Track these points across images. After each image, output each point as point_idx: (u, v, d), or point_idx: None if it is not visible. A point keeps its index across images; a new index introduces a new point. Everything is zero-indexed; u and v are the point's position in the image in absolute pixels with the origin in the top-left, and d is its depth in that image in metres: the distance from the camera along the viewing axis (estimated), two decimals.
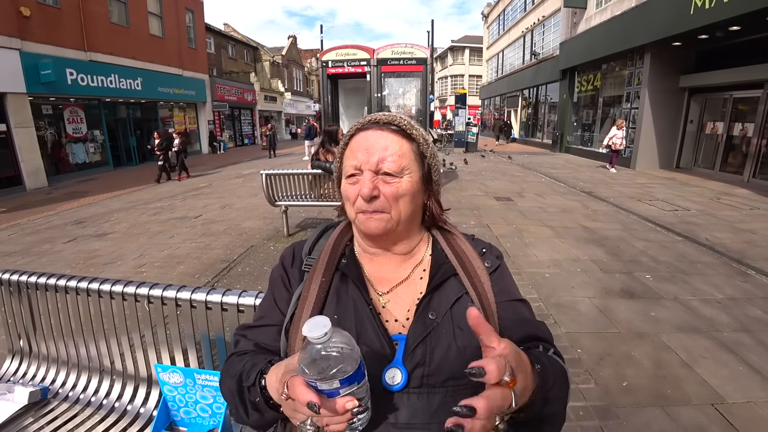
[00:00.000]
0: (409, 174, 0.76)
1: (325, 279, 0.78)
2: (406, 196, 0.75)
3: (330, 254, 0.82)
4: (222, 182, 10.98)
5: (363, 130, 0.78)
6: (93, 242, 5.65)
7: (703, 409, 2.22)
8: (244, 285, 4.00)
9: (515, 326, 0.77)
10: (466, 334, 0.72)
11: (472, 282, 0.78)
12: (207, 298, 1.37)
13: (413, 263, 0.82)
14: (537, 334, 0.78)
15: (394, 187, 0.74)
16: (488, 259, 0.84)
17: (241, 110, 25.29)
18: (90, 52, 12.76)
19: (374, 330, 0.72)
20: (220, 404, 1.29)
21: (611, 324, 3.17)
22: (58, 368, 1.73)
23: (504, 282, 0.83)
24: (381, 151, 0.74)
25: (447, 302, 0.75)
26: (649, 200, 7.67)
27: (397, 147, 0.75)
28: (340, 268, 0.80)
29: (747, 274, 4.16)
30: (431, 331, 0.72)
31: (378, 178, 0.74)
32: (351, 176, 0.77)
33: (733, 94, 9.90)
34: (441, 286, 0.77)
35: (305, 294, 0.77)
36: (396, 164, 0.74)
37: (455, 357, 0.70)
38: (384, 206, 0.74)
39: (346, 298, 0.77)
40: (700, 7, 8.55)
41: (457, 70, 42.99)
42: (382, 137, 0.76)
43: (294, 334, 0.75)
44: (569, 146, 16.94)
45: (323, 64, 9.65)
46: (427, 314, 0.74)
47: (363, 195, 0.73)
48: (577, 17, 15.49)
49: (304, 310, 0.75)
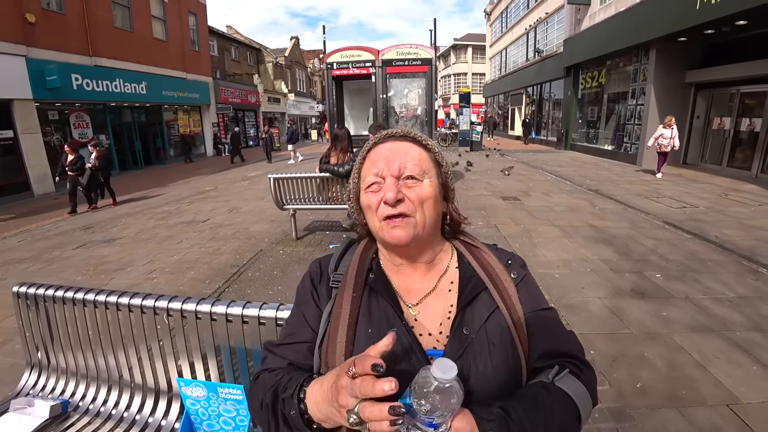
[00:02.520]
0: (429, 178, 0.77)
1: (356, 294, 0.78)
2: (430, 199, 0.76)
3: (358, 269, 0.82)
4: (228, 185, 11.03)
5: (380, 143, 0.81)
6: (102, 248, 5.70)
7: (719, 410, 2.22)
8: (254, 290, 4.02)
9: (541, 339, 0.77)
10: (501, 351, 0.73)
11: (501, 296, 0.78)
12: (227, 310, 1.38)
13: (438, 273, 0.83)
14: (562, 349, 0.78)
15: (418, 190, 0.75)
16: (514, 270, 0.84)
17: (245, 112, 25.37)
18: (95, 57, 12.86)
19: (409, 345, 0.72)
20: (243, 417, 1.30)
21: (623, 325, 3.16)
22: (78, 381, 1.75)
23: (530, 292, 0.83)
24: (402, 157, 0.76)
25: (480, 318, 0.75)
26: (656, 197, 7.63)
27: (417, 153, 0.78)
28: (369, 282, 0.81)
29: (758, 272, 4.13)
30: (467, 348, 0.72)
31: (400, 182, 0.75)
32: (372, 185, 0.77)
33: (741, 89, 9.81)
34: (473, 301, 0.78)
35: (337, 311, 0.77)
36: (418, 167, 0.76)
37: (492, 374, 0.71)
38: (409, 209, 0.74)
39: (378, 313, 0.77)
40: (706, 2, 8.48)
41: (460, 69, 42.89)
42: (401, 145, 0.79)
43: (330, 353, 0.75)
44: (574, 143, 16.86)
45: (328, 66, 9.67)
46: (462, 330, 0.74)
47: (388, 199, 0.73)
48: (581, 14, 15.40)
49: (339, 328, 0.75)
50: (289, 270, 4.48)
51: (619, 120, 13.66)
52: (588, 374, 0.76)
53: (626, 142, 13.05)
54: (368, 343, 0.70)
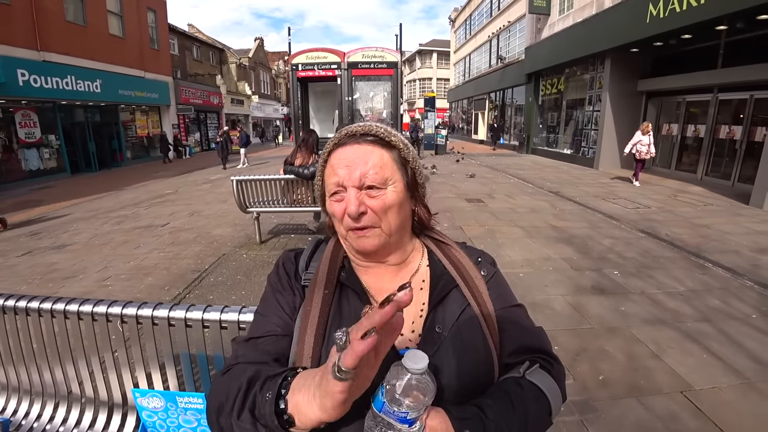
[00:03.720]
0: (393, 184, 0.74)
1: (328, 291, 0.76)
2: (394, 206, 0.74)
3: (329, 266, 0.79)
4: (189, 188, 10.62)
5: (340, 146, 0.77)
6: (51, 255, 5.33)
7: (674, 397, 2.33)
8: (217, 295, 3.87)
9: (512, 335, 0.78)
10: (473, 348, 0.73)
11: (472, 293, 0.78)
12: (187, 315, 1.31)
13: (409, 272, 0.81)
14: (532, 345, 0.79)
15: (380, 200, 0.73)
16: (484, 267, 0.84)
17: (207, 114, 24.59)
18: (44, 52, 12.06)
19: None
20: (205, 427, 1.23)
21: (584, 320, 3.28)
22: (20, 397, 1.60)
23: (500, 289, 0.83)
24: (362, 165, 0.73)
25: (452, 316, 0.75)
26: (612, 199, 8.01)
27: (378, 158, 0.74)
28: (341, 280, 0.78)
29: (705, 267, 4.41)
30: (440, 346, 0.71)
31: (362, 193, 0.72)
32: (335, 194, 0.75)
33: (686, 98, 10.50)
34: (444, 299, 0.77)
35: (307, 308, 0.75)
36: (379, 176, 0.73)
37: (465, 371, 0.70)
38: (373, 221, 0.73)
39: (348, 312, 0.75)
40: (655, 16, 9.04)
41: (425, 74, 43.54)
42: (361, 150, 0.74)
43: (297, 353, 0.72)
44: (535, 148, 17.46)
45: (293, 67, 9.54)
46: (434, 328, 0.73)
47: (350, 213, 0.71)
48: (541, 23, 16.01)
49: (308, 327, 0.72)
50: (253, 274, 4.35)
51: (577, 125, 14.29)
52: (558, 369, 0.77)
53: (584, 147, 13.67)
54: None
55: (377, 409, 0.55)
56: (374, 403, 0.56)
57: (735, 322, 3.19)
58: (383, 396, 0.55)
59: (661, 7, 8.81)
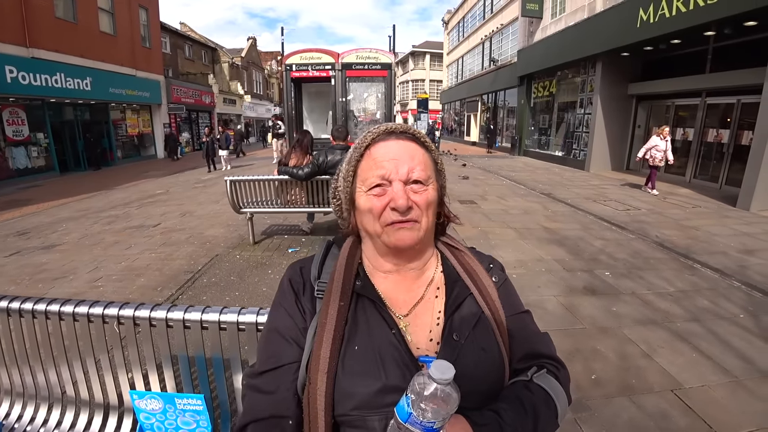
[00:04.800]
0: (432, 182, 0.76)
1: (344, 303, 0.73)
2: (433, 203, 0.76)
3: (345, 274, 0.76)
4: (180, 188, 10.53)
5: (381, 141, 0.76)
6: (40, 255, 5.25)
7: (665, 396, 2.38)
8: (210, 296, 3.85)
9: (521, 342, 0.80)
10: (489, 354, 0.74)
11: (485, 300, 0.78)
12: (185, 316, 1.30)
13: (425, 281, 0.81)
14: (540, 350, 0.81)
15: (424, 195, 0.73)
16: (495, 274, 0.85)
17: (199, 113, 24.39)
18: (32, 49, 11.86)
19: (401, 356, 0.70)
20: (204, 428, 1.23)
21: (577, 321, 3.32)
22: (13, 400, 1.57)
23: (510, 296, 0.84)
24: (409, 161, 0.73)
25: (468, 324, 0.75)
26: (603, 201, 8.10)
27: (421, 155, 0.75)
28: (356, 290, 0.76)
29: (694, 268, 4.49)
30: (459, 353, 0.71)
31: (407, 187, 0.72)
32: (376, 187, 0.73)
33: (675, 102, 10.68)
34: (459, 306, 0.77)
35: (322, 321, 0.72)
36: (425, 172, 0.74)
37: (481, 377, 0.71)
38: (417, 215, 0.72)
39: (365, 324, 0.73)
40: (645, 21, 9.18)
41: (418, 75, 43.67)
42: (405, 146, 0.75)
43: (313, 369, 0.69)
44: (527, 149, 17.60)
45: (287, 67, 9.50)
46: (452, 336, 0.73)
47: (400, 206, 0.70)
48: (533, 26, 16.15)
49: (323, 341, 0.70)
50: (246, 275, 4.33)
51: (568, 128, 14.44)
52: (564, 374, 0.79)
53: (575, 149, 13.81)
54: (355, 359, 0.69)
55: (402, 419, 0.55)
56: (398, 412, 0.56)
57: (723, 322, 3.26)
58: (409, 407, 0.54)
59: (651, 12, 8.95)
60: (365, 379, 0.67)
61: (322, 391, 0.67)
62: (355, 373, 0.68)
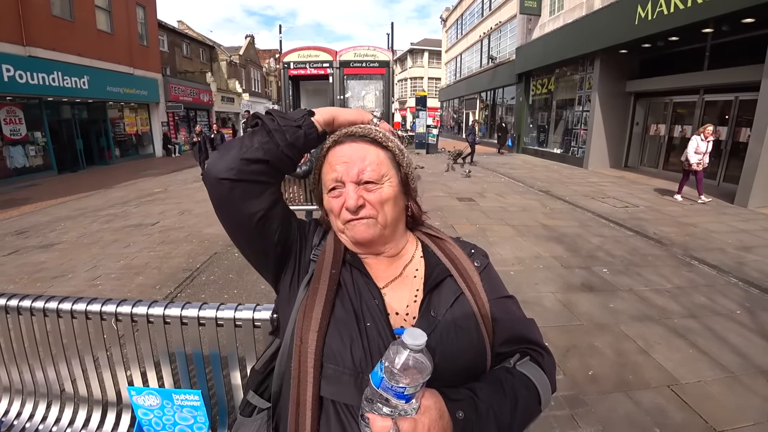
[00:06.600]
0: (389, 179, 0.79)
1: (335, 271, 0.78)
2: (390, 200, 0.78)
3: (335, 247, 0.82)
4: (178, 187, 10.51)
5: (339, 144, 0.81)
6: (38, 254, 5.25)
7: (661, 391, 2.39)
8: (209, 294, 3.85)
9: (505, 325, 0.81)
10: (466, 334, 0.75)
11: (466, 283, 0.81)
12: (182, 313, 1.31)
13: (403, 263, 0.85)
14: (524, 335, 0.82)
15: (377, 193, 0.77)
16: (477, 259, 0.87)
17: (197, 111, 24.32)
18: (29, 47, 11.80)
19: (381, 324, 0.73)
20: (202, 424, 1.23)
21: (574, 317, 3.33)
22: (12, 397, 1.58)
23: (492, 280, 0.86)
24: (359, 162, 0.77)
25: (446, 302, 0.77)
26: (601, 198, 8.11)
27: (374, 156, 0.78)
28: (347, 260, 0.81)
29: (691, 265, 4.50)
30: (434, 329, 0.74)
31: (360, 188, 0.76)
32: (333, 189, 0.79)
33: (673, 99, 10.68)
34: (438, 286, 0.79)
35: (315, 286, 0.76)
36: (376, 172, 0.77)
37: (458, 355, 0.73)
38: (371, 212, 0.77)
39: (354, 291, 0.77)
40: (643, 18, 9.17)
41: (417, 73, 43.54)
42: (358, 148, 0.79)
43: (305, 328, 0.72)
44: (526, 147, 17.59)
45: (285, 65, 9.49)
46: (429, 312, 0.76)
47: (349, 207, 0.75)
48: (531, 24, 16.12)
49: (316, 303, 0.74)
50: (245, 273, 4.34)
51: (566, 125, 14.44)
52: (548, 360, 0.80)
53: (573, 146, 13.81)
54: (345, 317, 0.73)
55: (375, 384, 0.57)
56: (372, 378, 0.58)
57: (720, 318, 3.28)
58: (382, 372, 0.56)
59: (649, 9, 8.94)
60: (349, 341, 0.72)
61: (312, 349, 0.70)
62: (341, 335, 0.73)
